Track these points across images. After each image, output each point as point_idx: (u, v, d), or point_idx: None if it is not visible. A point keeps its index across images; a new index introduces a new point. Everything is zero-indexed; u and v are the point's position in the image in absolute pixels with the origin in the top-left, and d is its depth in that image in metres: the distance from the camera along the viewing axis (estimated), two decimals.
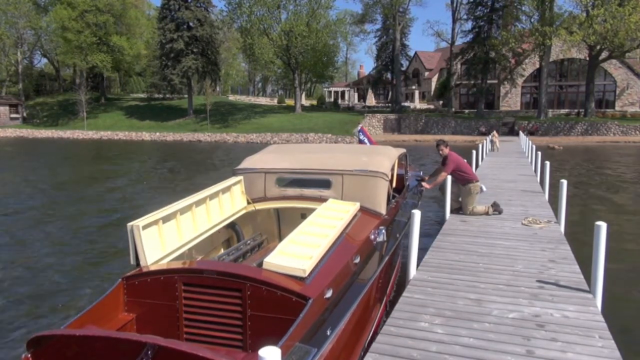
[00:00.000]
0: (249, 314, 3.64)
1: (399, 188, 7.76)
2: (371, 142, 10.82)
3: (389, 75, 62.12)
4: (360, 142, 10.87)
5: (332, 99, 74.47)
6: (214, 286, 3.73)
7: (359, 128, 11.64)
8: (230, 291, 3.68)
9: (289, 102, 71.57)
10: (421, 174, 10.04)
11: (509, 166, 17.59)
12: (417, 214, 5.75)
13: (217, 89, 77.66)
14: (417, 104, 65.03)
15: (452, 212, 9.00)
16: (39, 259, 9.24)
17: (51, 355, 2.97)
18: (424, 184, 8.87)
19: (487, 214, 8.84)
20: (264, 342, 2.64)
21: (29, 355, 3.00)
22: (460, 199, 9.12)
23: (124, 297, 3.95)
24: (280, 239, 5.96)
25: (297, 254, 3.97)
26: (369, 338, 4.38)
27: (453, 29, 56.02)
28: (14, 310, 6.83)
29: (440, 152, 8.97)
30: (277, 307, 3.55)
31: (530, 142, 23.55)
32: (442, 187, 9.16)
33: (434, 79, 66.63)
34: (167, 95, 68.84)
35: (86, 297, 7.04)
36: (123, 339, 2.82)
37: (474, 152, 16.41)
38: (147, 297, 3.92)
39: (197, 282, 3.79)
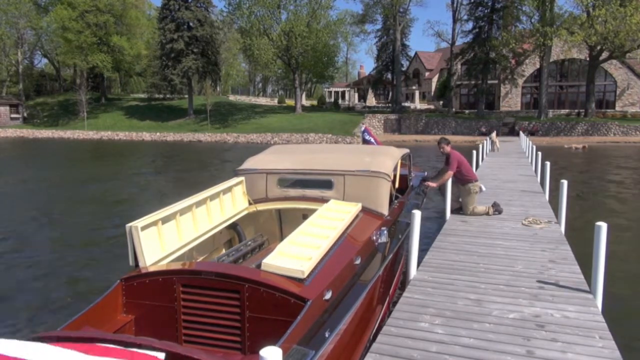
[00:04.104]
0: (247, 316, 3.62)
1: (402, 188, 7.74)
2: (377, 142, 10.72)
3: (389, 76, 62.08)
4: (366, 142, 10.76)
5: (332, 99, 74.47)
6: (212, 287, 3.71)
7: (362, 128, 11.56)
8: (228, 292, 3.66)
9: (289, 102, 71.57)
10: (425, 174, 10.01)
11: (509, 166, 17.58)
12: (417, 214, 5.74)
13: (218, 89, 77.64)
14: (418, 104, 65.02)
15: (452, 212, 8.99)
16: (37, 260, 9.23)
17: None
18: (428, 183, 8.85)
19: (487, 214, 8.83)
20: (262, 344, 2.63)
21: None
22: (460, 199, 9.12)
23: (122, 299, 3.93)
24: (282, 239, 5.97)
25: (296, 255, 3.95)
26: (370, 340, 4.36)
27: (453, 29, 55.98)
28: (10, 311, 6.82)
29: (442, 150, 8.95)
30: (275, 308, 3.54)
31: (530, 142, 23.54)
32: (442, 188, 9.16)
33: (435, 79, 66.62)
34: (168, 96, 68.83)
35: (84, 298, 7.03)
36: (118, 341, 2.81)
37: (474, 152, 16.40)
38: (146, 299, 3.90)
39: (196, 284, 3.77)
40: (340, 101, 73.60)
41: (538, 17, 47.00)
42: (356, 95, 74.98)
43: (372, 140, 10.80)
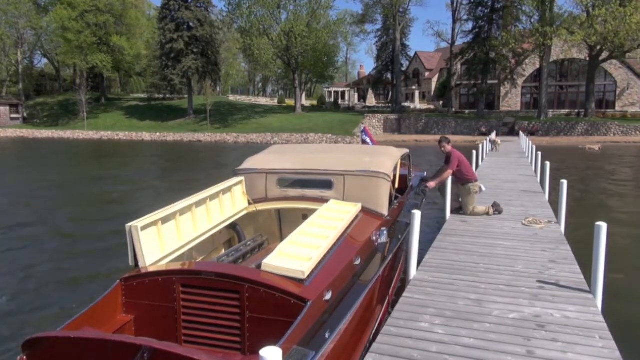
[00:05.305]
0: (247, 316, 3.61)
1: (402, 189, 7.73)
2: (373, 143, 10.76)
3: (389, 76, 62.10)
4: (363, 142, 10.81)
5: (332, 99, 74.45)
6: (212, 288, 3.70)
7: (362, 128, 11.60)
8: (228, 293, 3.65)
9: (289, 102, 71.56)
10: (425, 174, 10.01)
11: (509, 166, 17.57)
12: (417, 214, 5.74)
13: (217, 89, 77.62)
14: (418, 104, 65.00)
15: (452, 212, 8.98)
16: (36, 259, 9.23)
17: (46, 357, 2.95)
18: (428, 183, 8.84)
19: (487, 214, 8.82)
20: (262, 344, 2.62)
21: (24, 357, 2.98)
22: (460, 199, 9.11)
23: (122, 299, 3.92)
24: (282, 239, 5.96)
25: (296, 256, 3.95)
26: (370, 340, 4.36)
27: (453, 29, 56.02)
28: (9, 312, 6.81)
29: (442, 149, 8.94)
30: (275, 309, 3.53)
31: (530, 142, 23.54)
32: (442, 188, 9.15)
33: (434, 79, 66.60)
34: (168, 96, 68.82)
35: (84, 298, 7.02)
36: (118, 341, 2.80)
37: (474, 152, 16.40)
38: (146, 299, 3.89)
39: (196, 284, 3.76)
40: (340, 101, 73.58)
41: (538, 17, 47.00)
42: (356, 95, 74.94)
43: (368, 140, 10.83)
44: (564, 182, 8.59)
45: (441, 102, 60.54)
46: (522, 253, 6.50)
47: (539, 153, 15.41)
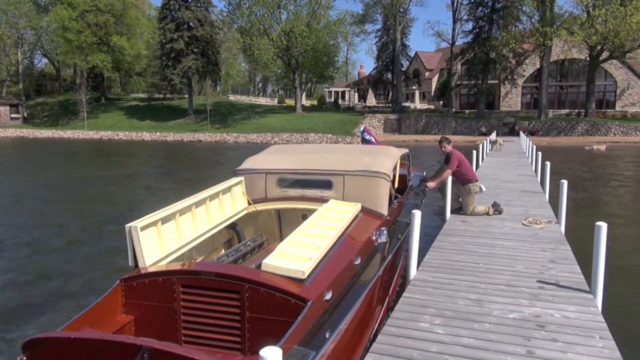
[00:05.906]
0: (247, 316, 3.61)
1: (401, 188, 7.73)
2: (377, 141, 10.66)
3: (389, 76, 62.10)
4: (367, 141, 10.68)
5: (332, 99, 74.46)
6: (212, 288, 3.70)
7: (362, 129, 11.49)
8: (228, 293, 3.65)
9: (289, 102, 71.57)
10: (424, 174, 10.01)
11: (509, 166, 17.57)
12: (417, 214, 5.74)
13: (218, 89, 77.62)
14: (418, 104, 65.01)
15: (452, 212, 8.98)
16: (37, 259, 9.23)
17: (47, 357, 2.95)
18: (427, 183, 8.84)
19: (487, 214, 8.82)
20: (262, 344, 2.62)
21: (24, 358, 2.97)
22: (460, 199, 9.11)
23: (121, 299, 3.92)
24: (281, 240, 5.95)
25: (296, 256, 3.94)
26: (370, 340, 4.36)
27: (453, 29, 56.06)
28: (10, 311, 6.81)
29: (443, 149, 8.94)
30: (275, 309, 3.53)
31: (530, 142, 23.54)
32: (442, 188, 9.15)
33: (435, 79, 66.61)
34: (168, 96, 68.83)
35: (83, 299, 7.02)
36: (118, 341, 2.80)
37: (474, 152, 16.40)
38: (145, 299, 3.89)
39: (196, 284, 3.76)
40: (340, 101, 73.58)
41: (538, 17, 47.00)
42: (356, 95, 74.96)
43: (373, 139, 10.72)
44: (564, 182, 8.59)
45: (441, 102, 60.53)
46: (522, 253, 6.50)
47: (539, 153, 15.41)
